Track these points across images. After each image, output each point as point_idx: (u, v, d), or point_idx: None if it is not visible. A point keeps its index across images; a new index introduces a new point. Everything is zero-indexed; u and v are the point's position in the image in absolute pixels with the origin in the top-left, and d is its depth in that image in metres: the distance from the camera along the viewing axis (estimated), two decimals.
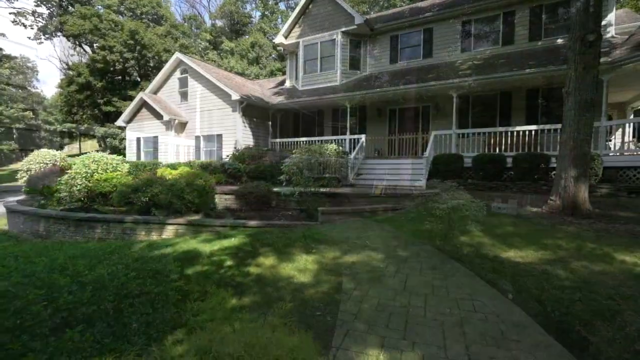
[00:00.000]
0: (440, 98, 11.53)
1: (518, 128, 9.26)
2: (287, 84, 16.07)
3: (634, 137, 11.62)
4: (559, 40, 10.34)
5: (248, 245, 5.43)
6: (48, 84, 71.97)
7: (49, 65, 73.30)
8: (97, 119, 33.34)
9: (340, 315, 2.85)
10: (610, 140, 11.03)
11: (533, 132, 9.15)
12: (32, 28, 32.10)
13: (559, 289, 3.15)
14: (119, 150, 26.56)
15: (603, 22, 8.83)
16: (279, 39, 14.80)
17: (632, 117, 12.43)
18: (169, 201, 7.79)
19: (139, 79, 30.95)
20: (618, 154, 8.75)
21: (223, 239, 6.12)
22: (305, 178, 7.47)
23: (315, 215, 7.38)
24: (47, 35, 33.25)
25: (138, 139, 15.90)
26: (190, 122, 14.77)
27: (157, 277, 4.25)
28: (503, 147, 9.44)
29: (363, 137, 11.42)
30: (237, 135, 13.25)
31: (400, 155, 11.87)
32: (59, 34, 32.40)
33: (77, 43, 30.24)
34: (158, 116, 14.69)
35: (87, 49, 32.87)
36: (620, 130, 11.08)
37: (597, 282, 3.28)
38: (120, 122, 16.32)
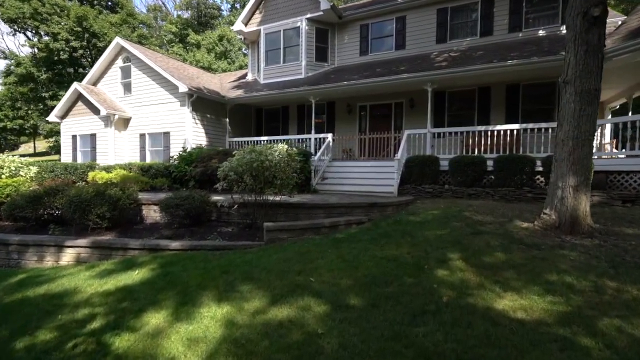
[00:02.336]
0: (414, 93, 10.39)
1: (499, 127, 8.22)
2: (249, 77, 14.45)
3: (612, 138, 11.05)
4: (541, 32, 9.46)
5: (147, 286, 3.87)
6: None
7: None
8: (47, 115, 29.99)
9: None
10: None
11: (515, 132, 8.15)
12: None
13: None
14: None
15: None
16: (238, 25, 13.16)
17: (610, 117, 11.87)
18: (72, 216, 6.06)
19: None
20: (596, 157, 7.89)
21: (125, 270, 4.50)
22: (248, 185, 5.98)
23: (260, 233, 5.92)
24: None
25: (74, 137, 13.74)
26: (134, 118, 12.82)
27: None
28: (483, 148, 8.41)
29: (329, 136, 10.09)
30: (186, 134, 11.51)
31: (371, 156, 10.61)
32: None
33: (18, 29, 26.88)
34: (95, 110, 12.63)
35: (32, 35, 29.46)
36: (599, 131, 10.36)
37: None
38: (52, 117, 14.07)
